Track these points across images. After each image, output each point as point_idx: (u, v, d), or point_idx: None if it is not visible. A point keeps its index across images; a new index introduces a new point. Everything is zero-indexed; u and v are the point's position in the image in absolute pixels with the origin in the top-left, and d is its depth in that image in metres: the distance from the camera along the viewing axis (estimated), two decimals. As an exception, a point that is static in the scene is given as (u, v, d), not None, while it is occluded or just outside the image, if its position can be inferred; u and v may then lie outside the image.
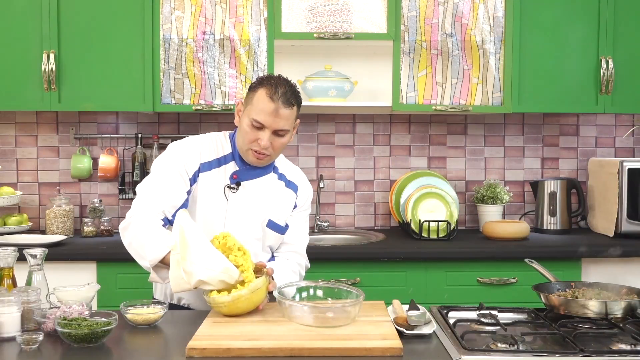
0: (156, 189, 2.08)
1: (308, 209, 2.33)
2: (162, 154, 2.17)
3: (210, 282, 1.87)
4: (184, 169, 2.11)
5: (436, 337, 1.79)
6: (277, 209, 2.21)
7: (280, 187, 2.24)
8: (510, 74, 3.29)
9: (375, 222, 3.71)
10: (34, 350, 1.67)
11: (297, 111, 2.12)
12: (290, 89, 2.08)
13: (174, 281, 1.89)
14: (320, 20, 3.27)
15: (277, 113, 2.05)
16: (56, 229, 3.35)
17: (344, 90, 3.39)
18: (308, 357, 1.61)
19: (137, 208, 2.06)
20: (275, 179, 2.24)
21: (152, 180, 2.11)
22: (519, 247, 3.11)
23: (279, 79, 2.10)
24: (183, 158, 2.12)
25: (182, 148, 2.15)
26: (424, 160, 3.71)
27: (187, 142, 2.17)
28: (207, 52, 3.24)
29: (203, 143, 2.18)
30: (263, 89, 2.07)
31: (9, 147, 3.57)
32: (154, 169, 2.14)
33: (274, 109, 2.04)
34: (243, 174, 2.17)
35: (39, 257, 1.93)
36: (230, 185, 2.16)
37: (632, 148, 3.78)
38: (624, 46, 3.34)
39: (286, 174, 2.27)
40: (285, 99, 2.05)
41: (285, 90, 2.06)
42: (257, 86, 2.09)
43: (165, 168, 2.11)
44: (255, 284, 1.89)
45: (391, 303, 1.99)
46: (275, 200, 2.22)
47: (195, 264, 1.86)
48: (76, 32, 3.20)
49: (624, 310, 1.89)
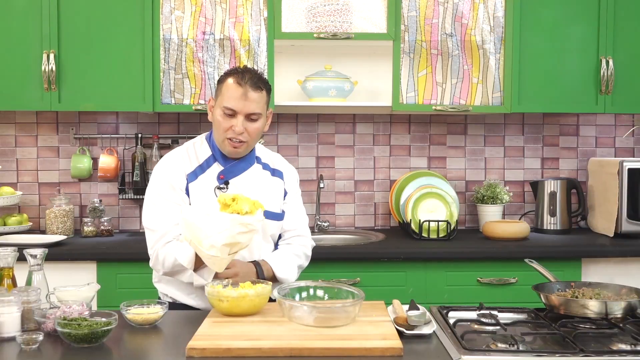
0: (164, 215, 2.17)
1: (298, 191, 2.40)
2: (150, 181, 2.25)
3: (233, 241, 1.92)
4: (176, 186, 2.18)
5: (436, 337, 1.79)
6: (269, 199, 2.25)
7: (267, 176, 2.30)
8: (510, 74, 3.29)
9: (375, 222, 3.71)
10: (34, 350, 1.67)
11: (267, 97, 2.20)
12: (257, 75, 2.18)
13: (210, 265, 1.97)
14: (320, 20, 3.27)
15: (246, 97, 2.13)
16: (56, 229, 3.35)
17: (344, 90, 3.39)
18: (308, 357, 1.61)
19: (152, 242, 2.18)
20: (260, 170, 2.30)
21: (151, 211, 2.20)
22: (519, 247, 3.11)
23: (245, 67, 2.21)
24: (170, 178, 2.19)
25: (166, 168, 2.22)
26: (424, 160, 3.71)
27: (168, 161, 2.24)
28: (207, 52, 3.24)
29: (182, 155, 2.25)
30: (230, 77, 2.17)
31: (9, 147, 3.57)
32: (148, 199, 2.22)
33: (243, 92, 2.13)
34: (229, 172, 2.23)
35: (39, 257, 1.94)
36: (219, 185, 2.22)
37: (632, 148, 3.78)
38: (624, 46, 3.34)
39: (269, 163, 2.34)
40: (253, 82, 2.14)
41: (251, 75, 2.16)
42: (225, 77, 2.19)
43: (158, 194, 2.20)
44: (264, 288, 1.92)
45: (391, 303, 1.99)
46: (265, 190, 2.27)
47: (210, 236, 1.90)
48: (76, 32, 3.20)
49: (624, 310, 1.89)
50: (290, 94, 3.53)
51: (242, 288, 1.92)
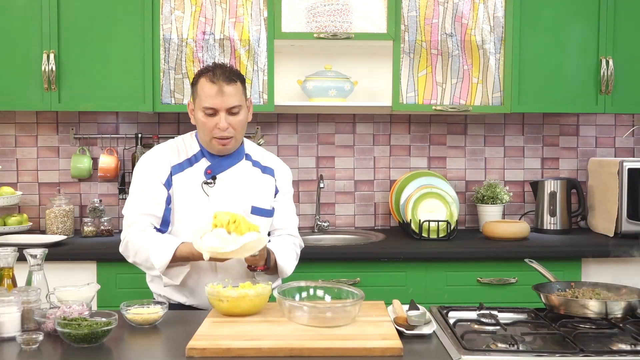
0: (138, 204, 2.18)
1: (290, 191, 2.39)
2: (134, 171, 2.26)
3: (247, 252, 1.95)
4: (157, 177, 2.19)
5: (436, 337, 1.79)
6: (258, 195, 2.26)
7: (257, 173, 2.30)
8: (510, 74, 3.29)
9: (375, 222, 3.71)
10: (34, 350, 1.67)
11: (243, 87, 2.20)
12: (227, 68, 2.18)
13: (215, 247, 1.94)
14: (320, 20, 3.27)
15: (222, 92, 2.13)
16: (56, 229, 3.35)
17: (344, 90, 3.39)
18: (308, 357, 1.61)
19: (126, 227, 2.19)
20: (250, 166, 2.29)
21: (132, 198, 2.21)
22: (519, 247, 3.11)
23: (215, 64, 2.21)
24: (152, 167, 2.20)
25: (150, 159, 2.23)
26: (424, 160, 3.71)
27: (153, 152, 2.26)
28: (207, 52, 3.24)
29: (170, 147, 2.26)
30: (202, 77, 2.17)
31: (9, 147, 3.57)
32: (131, 188, 2.24)
33: (218, 89, 2.13)
34: (216, 167, 2.23)
35: (39, 257, 1.94)
36: (207, 180, 2.22)
37: (632, 148, 3.78)
38: (624, 46, 3.34)
39: (260, 161, 2.33)
40: (225, 76, 2.14)
41: (222, 70, 2.16)
42: (197, 78, 2.19)
43: (139, 183, 2.21)
44: (264, 288, 1.92)
45: (391, 303, 1.99)
46: (255, 186, 2.27)
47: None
48: (76, 32, 3.20)
49: (624, 310, 1.89)
50: (290, 94, 3.53)
51: (242, 288, 1.93)
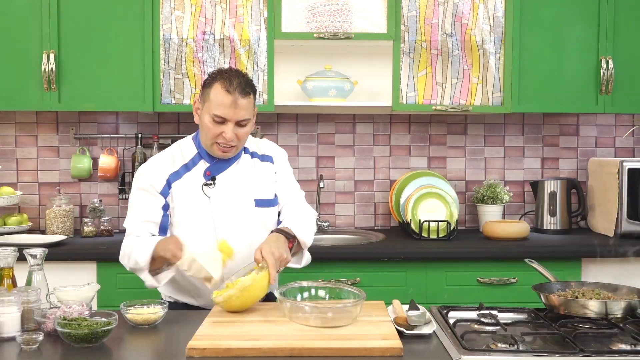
0: (135, 214, 2.18)
1: (288, 168, 2.36)
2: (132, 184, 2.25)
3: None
4: (152, 187, 2.17)
5: (436, 337, 1.79)
6: (260, 186, 2.24)
7: (256, 163, 2.28)
8: (510, 74, 3.29)
9: (375, 222, 3.71)
10: (34, 350, 1.67)
11: (254, 99, 2.17)
12: (244, 79, 2.13)
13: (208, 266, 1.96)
14: (320, 20, 3.27)
15: (236, 104, 2.09)
16: (56, 229, 3.35)
17: (344, 90, 3.39)
18: (308, 357, 1.61)
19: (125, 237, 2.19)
20: (248, 159, 2.28)
21: (129, 210, 2.21)
22: (519, 247, 3.11)
23: (231, 71, 2.15)
24: (147, 179, 2.19)
25: (144, 171, 2.22)
26: (424, 160, 3.71)
27: (148, 163, 2.25)
28: (207, 52, 3.24)
29: (166, 156, 2.24)
30: (218, 83, 2.11)
31: (9, 147, 3.57)
32: (129, 202, 2.24)
33: (232, 101, 2.09)
34: (215, 168, 2.22)
35: (39, 257, 1.94)
36: (207, 182, 2.20)
37: (632, 148, 3.78)
38: (624, 46, 3.34)
39: (257, 150, 2.31)
40: (241, 89, 2.10)
41: (239, 80, 2.11)
42: (212, 81, 2.14)
43: (135, 195, 2.20)
44: (243, 282, 1.92)
45: (391, 303, 1.99)
46: (255, 177, 2.25)
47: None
48: (76, 32, 3.20)
49: (624, 310, 1.89)
50: (290, 94, 3.53)
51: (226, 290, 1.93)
